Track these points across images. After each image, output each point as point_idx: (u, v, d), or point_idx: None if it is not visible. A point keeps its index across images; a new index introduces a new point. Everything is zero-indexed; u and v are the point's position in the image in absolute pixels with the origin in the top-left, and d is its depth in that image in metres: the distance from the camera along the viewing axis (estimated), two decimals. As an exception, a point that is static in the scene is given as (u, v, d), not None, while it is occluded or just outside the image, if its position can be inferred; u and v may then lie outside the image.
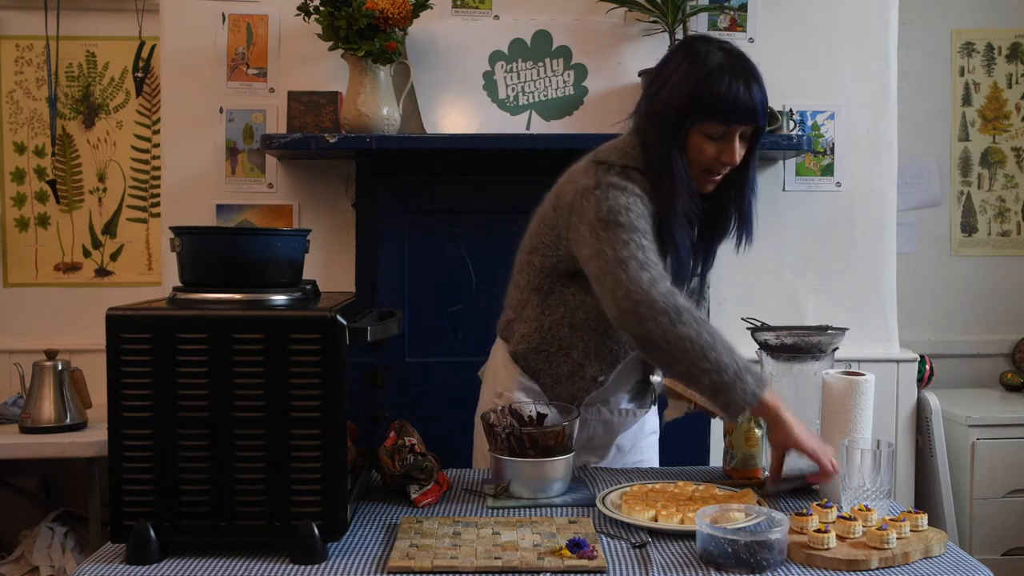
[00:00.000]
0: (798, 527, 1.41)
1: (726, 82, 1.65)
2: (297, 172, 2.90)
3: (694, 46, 1.72)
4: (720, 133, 1.68)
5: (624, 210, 1.65)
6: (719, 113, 1.66)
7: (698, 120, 1.67)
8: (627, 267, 1.60)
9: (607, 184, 1.69)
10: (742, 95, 1.65)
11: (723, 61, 1.67)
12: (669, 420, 1.84)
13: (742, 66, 1.68)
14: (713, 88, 1.65)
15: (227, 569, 1.32)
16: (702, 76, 1.66)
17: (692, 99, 1.66)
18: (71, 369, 2.77)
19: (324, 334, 1.35)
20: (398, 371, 2.72)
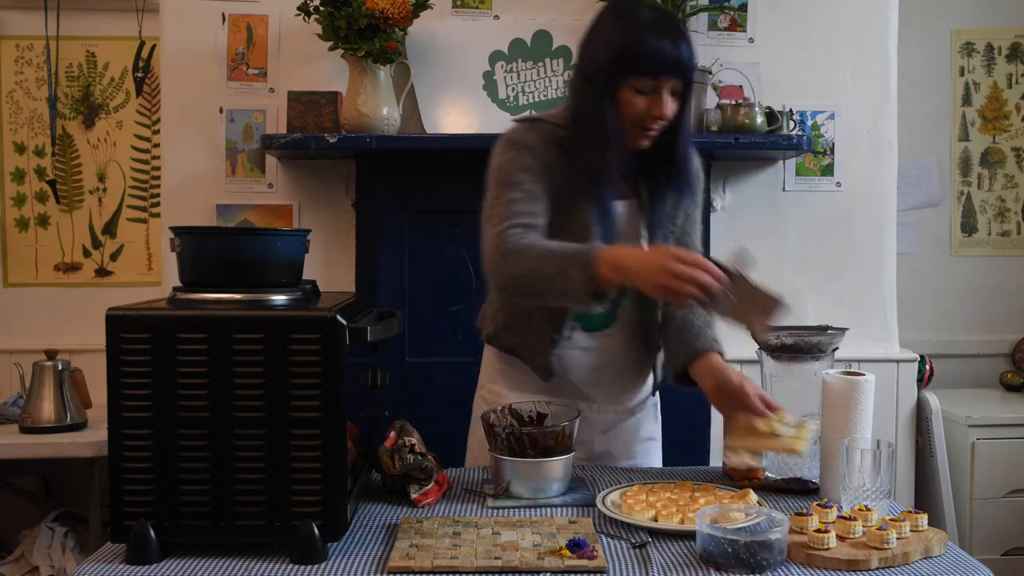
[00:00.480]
0: (798, 527, 1.41)
1: (654, 37, 1.68)
2: (297, 172, 2.90)
3: (622, 4, 1.75)
4: (649, 87, 1.70)
5: (506, 165, 1.73)
6: (647, 67, 1.69)
7: (628, 75, 1.69)
8: (489, 223, 1.69)
9: (502, 142, 1.77)
10: (669, 49, 1.68)
11: (651, 17, 1.71)
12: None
13: (670, 22, 1.72)
14: (641, 43, 1.68)
15: (227, 569, 1.32)
16: (630, 32, 1.70)
17: (621, 54, 1.70)
18: (71, 369, 2.77)
19: (324, 334, 1.35)
20: (398, 371, 2.72)
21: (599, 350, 1.86)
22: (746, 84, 2.91)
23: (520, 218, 1.68)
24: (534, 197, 1.71)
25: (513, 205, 1.69)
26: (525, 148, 1.74)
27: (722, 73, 2.91)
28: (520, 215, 1.68)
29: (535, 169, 1.72)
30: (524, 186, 1.71)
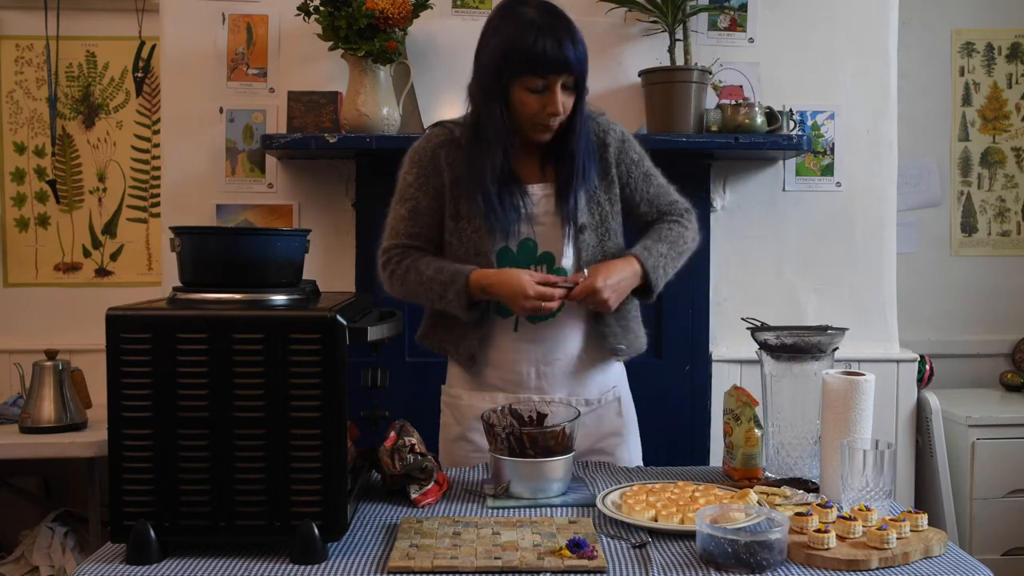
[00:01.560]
0: (798, 527, 1.41)
1: (537, 37, 1.74)
2: (297, 172, 2.90)
3: (510, 5, 1.81)
4: (540, 86, 1.77)
5: (401, 180, 1.92)
6: (532, 67, 1.75)
7: (515, 75, 1.78)
8: (383, 234, 1.93)
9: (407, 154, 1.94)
10: (552, 48, 1.73)
11: (534, 17, 1.76)
12: None
13: (553, 21, 1.76)
14: (524, 44, 1.75)
15: (227, 569, 1.32)
16: (514, 33, 1.77)
17: (505, 55, 1.78)
18: (71, 369, 2.77)
19: (324, 334, 1.35)
20: (398, 371, 2.72)
21: (546, 340, 1.90)
22: (746, 84, 2.91)
23: (401, 238, 1.89)
24: (417, 213, 1.89)
25: (399, 223, 1.90)
26: (417, 162, 1.90)
27: (722, 73, 2.91)
28: (401, 234, 1.89)
29: (422, 183, 1.89)
30: (409, 203, 1.89)
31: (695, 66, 2.74)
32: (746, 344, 1.82)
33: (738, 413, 1.75)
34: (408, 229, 1.89)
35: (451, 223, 1.88)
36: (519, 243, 1.86)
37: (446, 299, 1.81)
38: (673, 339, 2.87)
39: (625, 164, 1.93)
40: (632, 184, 1.94)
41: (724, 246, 2.93)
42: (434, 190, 1.89)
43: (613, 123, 1.96)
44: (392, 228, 1.91)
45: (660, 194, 1.96)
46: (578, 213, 1.86)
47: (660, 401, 2.86)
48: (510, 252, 1.86)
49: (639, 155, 1.96)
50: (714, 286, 2.91)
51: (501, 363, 1.92)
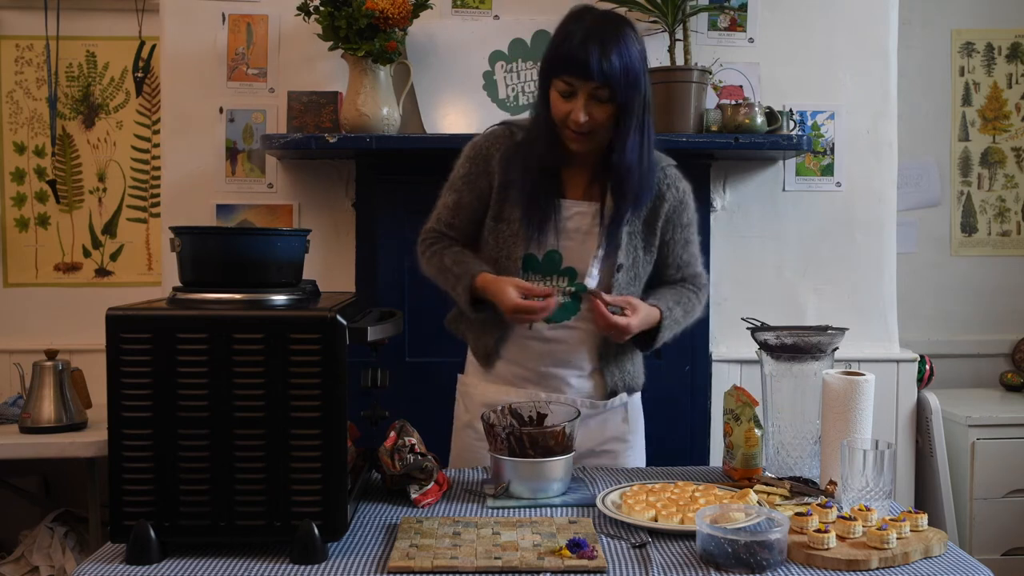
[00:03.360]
0: (798, 527, 1.41)
1: (577, 41, 1.73)
2: (297, 172, 2.90)
3: (574, 10, 1.82)
4: (568, 91, 1.77)
5: (454, 171, 1.95)
6: (561, 69, 1.76)
7: (552, 75, 1.79)
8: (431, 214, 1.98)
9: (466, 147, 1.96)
10: (581, 54, 1.72)
11: (588, 23, 1.76)
12: None
13: (602, 30, 1.75)
14: (561, 45, 1.76)
15: (227, 569, 1.32)
16: (557, 35, 1.79)
17: (546, 55, 1.81)
18: (71, 369, 2.77)
19: (324, 334, 1.35)
20: (398, 371, 2.72)
21: (560, 341, 1.91)
22: (746, 84, 2.91)
23: (441, 225, 1.95)
24: (459, 206, 1.92)
25: (443, 211, 1.95)
26: (471, 157, 1.92)
27: (722, 73, 2.91)
28: (441, 221, 1.95)
29: (471, 179, 1.91)
30: (455, 195, 1.93)
31: (695, 66, 2.74)
32: (746, 344, 1.82)
33: (738, 413, 1.75)
34: (448, 219, 1.94)
35: (491, 223, 1.90)
36: (545, 253, 1.87)
37: (456, 292, 1.88)
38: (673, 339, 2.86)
39: (673, 224, 1.93)
40: (671, 245, 1.95)
41: (724, 246, 2.93)
42: (479, 189, 1.91)
43: (681, 178, 1.95)
44: (437, 212, 1.97)
45: (691, 263, 1.98)
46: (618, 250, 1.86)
47: (660, 401, 2.85)
48: (535, 260, 1.87)
49: (689, 220, 1.96)
50: (714, 286, 2.91)
51: (514, 359, 1.93)
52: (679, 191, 1.93)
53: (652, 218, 1.90)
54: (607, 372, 1.94)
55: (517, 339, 1.92)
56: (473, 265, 1.86)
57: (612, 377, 1.94)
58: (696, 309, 1.97)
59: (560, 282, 1.87)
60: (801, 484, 1.64)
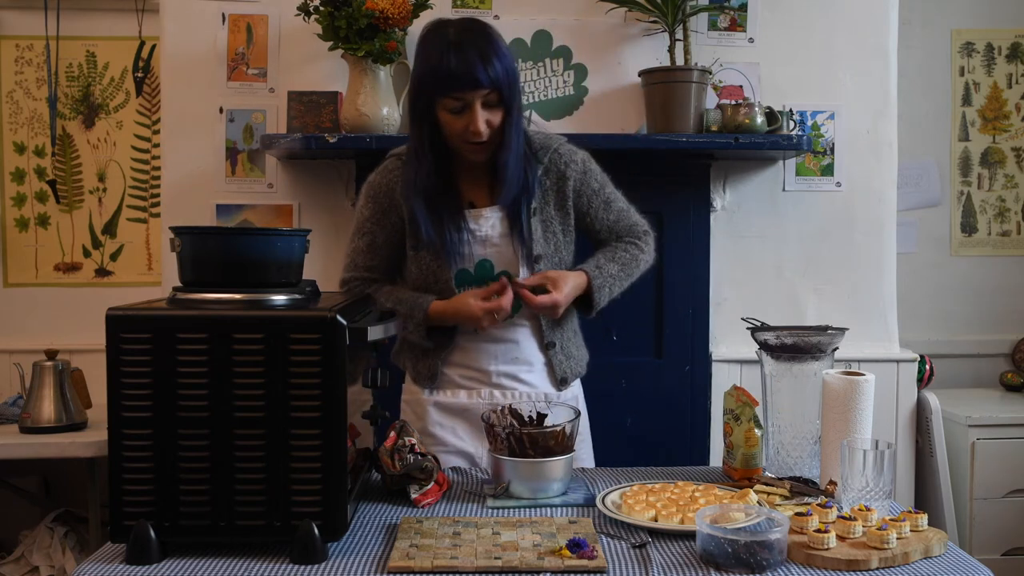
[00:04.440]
0: (798, 527, 1.41)
1: (449, 56, 1.73)
2: (297, 172, 2.90)
3: (433, 26, 1.82)
4: (458, 107, 1.77)
5: (357, 214, 1.97)
6: (445, 87, 1.75)
7: (434, 95, 1.78)
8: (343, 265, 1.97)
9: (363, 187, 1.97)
10: (459, 67, 1.73)
11: (450, 36, 1.76)
12: None
13: (468, 38, 1.75)
14: (436, 65, 1.75)
15: (227, 569, 1.32)
16: (430, 54, 1.78)
17: (422, 78, 1.79)
18: (71, 369, 2.77)
19: (324, 334, 1.35)
20: (398, 371, 2.72)
21: (507, 340, 1.94)
22: (746, 84, 2.91)
23: (360, 271, 1.95)
24: (374, 247, 1.94)
25: (357, 256, 1.95)
26: (373, 197, 1.94)
27: (722, 73, 2.91)
28: (359, 267, 1.95)
29: (379, 218, 1.93)
30: (366, 237, 1.94)
31: (695, 66, 2.74)
32: (746, 344, 1.82)
33: (738, 413, 1.75)
34: (366, 262, 1.95)
35: (411, 252, 1.92)
36: (476, 264, 1.91)
37: (407, 330, 1.89)
38: (673, 339, 2.87)
39: (586, 195, 1.96)
40: (592, 213, 1.98)
41: (724, 246, 2.93)
42: (391, 224, 1.93)
43: (575, 151, 1.98)
44: (351, 260, 1.96)
45: (620, 219, 2.00)
46: (533, 242, 1.89)
47: (660, 401, 2.86)
48: (468, 273, 1.90)
49: (599, 183, 1.99)
50: (714, 286, 2.91)
51: (462, 362, 1.95)
52: (578, 163, 1.96)
53: (561, 199, 1.94)
54: (555, 361, 1.97)
55: (463, 345, 1.94)
56: (418, 299, 1.88)
57: (561, 365, 1.98)
58: (639, 258, 1.99)
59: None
60: (801, 484, 1.64)
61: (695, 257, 2.88)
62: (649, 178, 2.79)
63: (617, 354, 2.79)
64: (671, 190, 2.85)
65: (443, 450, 1.94)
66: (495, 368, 1.94)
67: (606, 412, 2.13)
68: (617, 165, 2.10)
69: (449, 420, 1.95)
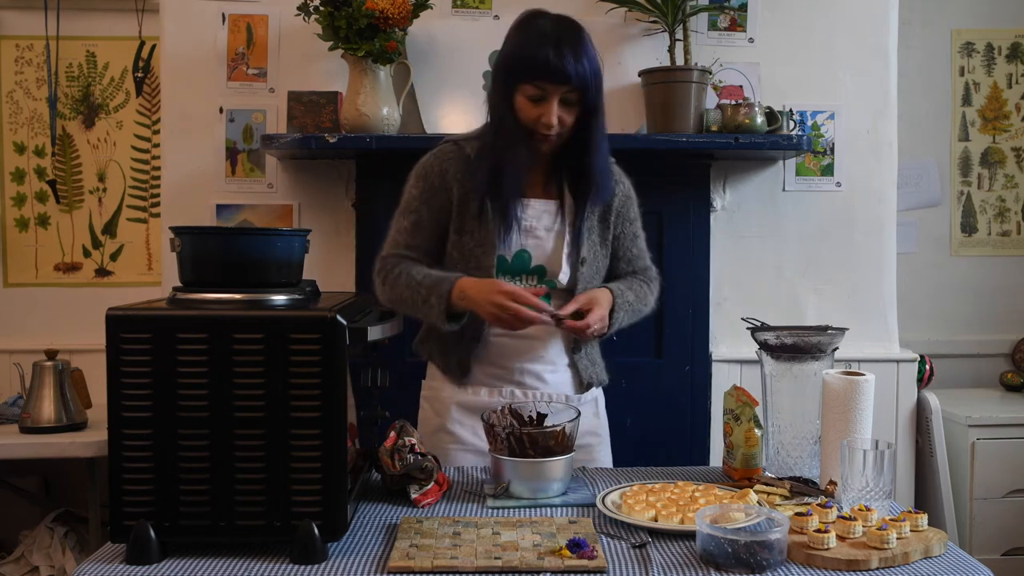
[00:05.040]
0: (798, 527, 1.41)
1: (542, 46, 1.76)
2: (297, 172, 2.90)
3: (528, 16, 1.84)
4: (537, 96, 1.79)
5: (406, 194, 1.94)
6: (530, 74, 1.77)
7: (517, 81, 1.79)
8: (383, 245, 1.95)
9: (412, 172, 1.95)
10: (552, 59, 1.75)
11: (545, 28, 1.79)
12: None
13: (565, 33, 1.78)
14: (527, 51, 1.77)
15: (227, 569, 1.32)
16: (523, 41, 1.80)
17: (509, 61, 1.81)
18: (71, 369, 2.77)
19: (324, 334, 1.35)
20: (398, 371, 2.72)
21: (534, 338, 1.92)
22: (746, 84, 2.91)
23: (400, 248, 1.91)
24: (419, 227, 1.91)
25: (400, 235, 1.92)
26: (423, 176, 1.92)
27: (722, 73, 2.91)
28: (401, 245, 1.91)
29: (427, 197, 1.90)
30: (413, 216, 1.91)
31: (695, 66, 2.74)
32: (746, 344, 1.82)
33: (738, 413, 1.75)
34: (408, 240, 1.92)
35: (455, 236, 1.91)
36: (514, 254, 1.89)
37: (428, 303, 1.82)
38: (673, 339, 2.87)
39: (623, 218, 1.99)
40: (621, 239, 2.00)
41: (724, 246, 2.93)
42: (439, 205, 1.91)
43: (623, 175, 2.02)
44: (393, 239, 1.94)
45: (640, 257, 2.03)
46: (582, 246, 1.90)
47: (660, 401, 2.86)
48: (505, 261, 1.89)
49: (636, 215, 2.02)
50: (714, 286, 2.91)
51: (490, 360, 1.94)
52: (625, 186, 1.99)
53: (605, 213, 1.96)
54: (581, 365, 1.97)
55: (491, 341, 1.93)
56: (449, 273, 1.85)
57: (587, 370, 1.98)
58: (648, 299, 2.00)
59: (530, 280, 1.91)
60: (801, 484, 1.64)
61: (695, 257, 2.88)
62: (649, 178, 2.76)
63: (617, 354, 2.77)
64: (671, 190, 2.85)
65: (460, 448, 1.94)
66: (519, 366, 1.93)
67: (606, 412, 2.13)
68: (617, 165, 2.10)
69: (469, 419, 1.94)
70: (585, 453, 1.97)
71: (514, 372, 1.94)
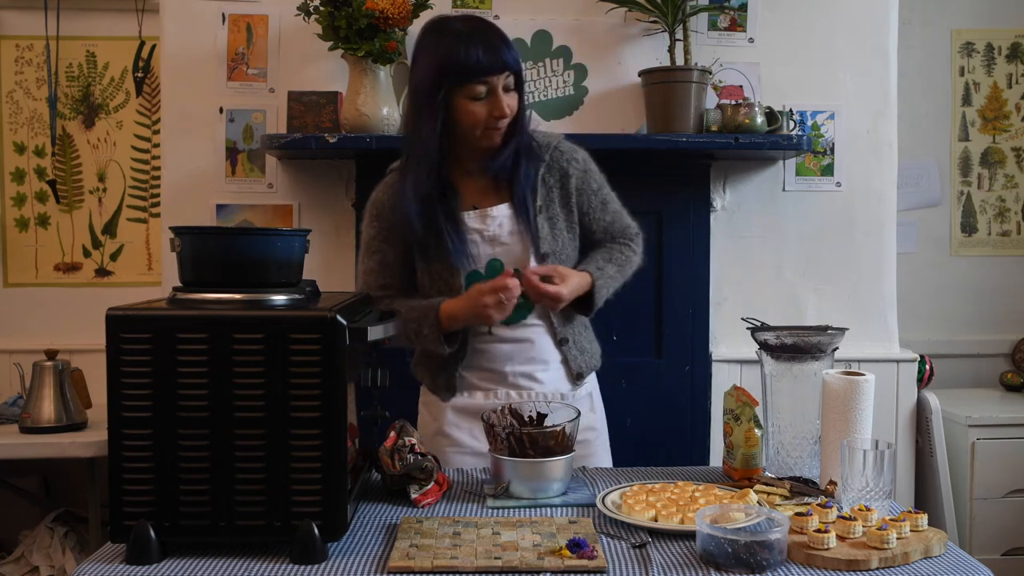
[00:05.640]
0: (798, 527, 1.41)
1: (467, 46, 1.78)
2: (297, 172, 2.90)
3: (435, 23, 1.86)
4: (482, 92, 1.81)
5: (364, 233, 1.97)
6: (471, 74, 1.79)
7: (455, 86, 1.80)
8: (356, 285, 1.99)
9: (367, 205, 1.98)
10: (485, 53, 1.78)
11: (461, 28, 1.81)
12: None
13: (481, 27, 1.82)
14: (458, 54, 1.78)
15: (227, 569, 1.32)
16: (446, 47, 1.80)
17: (441, 70, 1.81)
18: (71, 369, 2.77)
19: (324, 334, 1.35)
20: (398, 371, 2.71)
21: (522, 339, 1.94)
22: (746, 84, 2.91)
23: (374, 290, 1.93)
24: (384, 265, 1.94)
25: (368, 276, 1.95)
26: (377, 216, 1.94)
27: (722, 73, 2.91)
28: (373, 287, 1.94)
29: (386, 235, 1.93)
30: (376, 256, 1.94)
31: (695, 66, 2.74)
32: (746, 344, 1.82)
33: (738, 413, 1.75)
34: (378, 281, 1.94)
35: (423, 265, 1.93)
36: (486, 264, 1.91)
37: (422, 335, 1.86)
38: (673, 339, 2.87)
39: (586, 194, 1.98)
40: (591, 213, 1.99)
41: (724, 246, 2.93)
42: (399, 240, 1.93)
43: (576, 149, 2.01)
44: (364, 281, 1.97)
45: (615, 220, 2.02)
46: (540, 239, 1.90)
47: (660, 401, 2.86)
48: (479, 274, 1.90)
49: (598, 183, 2.01)
50: (714, 286, 2.91)
51: (478, 364, 1.95)
52: (579, 161, 1.99)
53: (565, 197, 1.96)
54: (571, 357, 1.98)
55: (479, 348, 1.94)
56: (430, 301, 1.88)
57: (576, 360, 1.99)
58: (632, 260, 2.01)
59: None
60: (801, 484, 1.64)
61: (695, 257, 2.88)
62: (649, 178, 2.80)
63: (617, 354, 2.78)
64: (671, 190, 2.85)
65: (458, 451, 1.94)
66: (511, 369, 1.94)
67: (606, 412, 2.13)
68: (617, 165, 2.10)
69: (466, 422, 1.95)
70: (582, 448, 1.96)
71: (507, 375, 1.94)
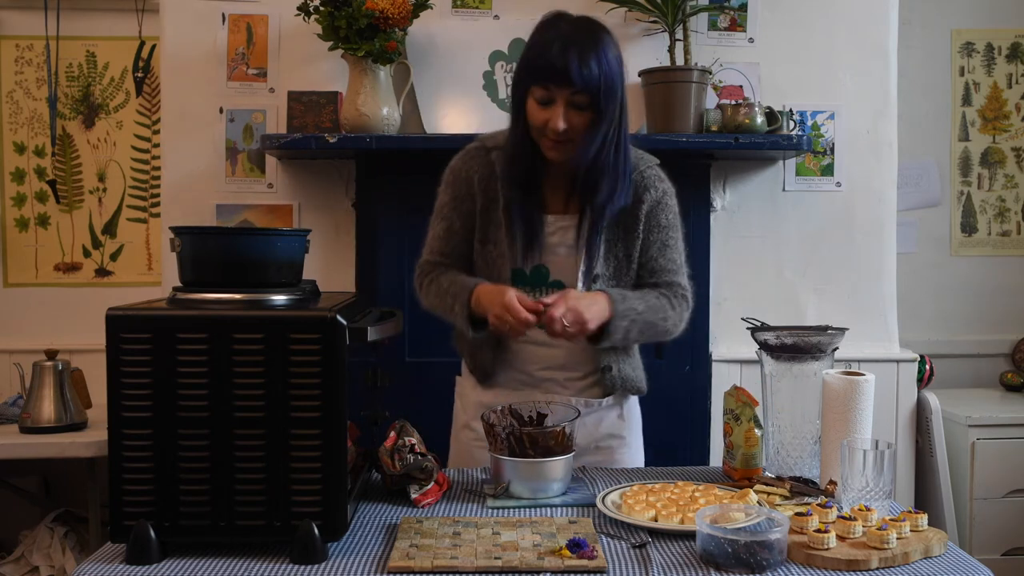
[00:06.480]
0: (798, 527, 1.41)
1: (552, 48, 1.72)
2: (297, 172, 2.90)
3: (546, 18, 1.81)
4: (545, 98, 1.75)
5: (438, 199, 1.94)
6: (536, 76, 1.75)
7: (528, 84, 1.77)
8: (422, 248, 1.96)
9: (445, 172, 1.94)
10: (558, 60, 1.70)
11: (561, 29, 1.74)
12: None
13: (577, 35, 1.73)
14: (538, 53, 1.75)
15: (227, 569, 1.32)
16: (534, 42, 1.77)
17: (522, 62, 1.80)
18: (71, 369, 2.77)
19: (324, 334, 1.35)
20: (398, 371, 2.72)
21: (549, 345, 1.89)
22: (746, 84, 2.91)
23: (434, 255, 1.93)
24: (451, 233, 1.91)
25: (434, 241, 1.93)
26: (452, 183, 1.91)
27: (722, 73, 2.91)
28: (434, 251, 1.93)
29: (456, 204, 1.90)
30: (444, 223, 1.92)
31: (695, 66, 2.74)
32: (746, 344, 1.82)
33: (738, 413, 1.75)
34: (441, 247, 1.92)
35: (479, 245, 1.90)
36: (532, 268, 1.87)
37: (454, 312, 1.83)
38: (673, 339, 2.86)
39: (649, 225, 1.87)
40: (645, 246, 1.88)
41: (724, 246, 2.93)
42: (466, 212, 1.90)
43: (662, 179, 1.90)
44: (429, 244, 1.95)
45: (667, 269, 1.89)
46: (595, 260, 1.84)
47: (660, 401, 2.85)
48: (522, 274, 1.87)
49: (668, 223, 1.89)
50: (714, 286, 2.91)
51: (510, 363, 1.93)
52: (658, 191, 1.87)
53: (631, 223, 1.86)
54: (607, 375, 1.91)
55: (512, 347, 1.92)
56: (469, 281, 1.84)
57: (612, 381, 1.92)
58: (667, 313, 1.85)
59: (548, 293, 1.83)
60: (801, 484, 1.64)
61: (695, 257, 2.84)
62: (649, 178, 2.79)
63: (617, 354, 2.79)
64: (671, 190, 2.85)
65: (482, 446, 1.90)
66: (540, 372, 1.92)
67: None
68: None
69: None
70: (605, 455, 1.96)
71: (537, 379, 1.92)
